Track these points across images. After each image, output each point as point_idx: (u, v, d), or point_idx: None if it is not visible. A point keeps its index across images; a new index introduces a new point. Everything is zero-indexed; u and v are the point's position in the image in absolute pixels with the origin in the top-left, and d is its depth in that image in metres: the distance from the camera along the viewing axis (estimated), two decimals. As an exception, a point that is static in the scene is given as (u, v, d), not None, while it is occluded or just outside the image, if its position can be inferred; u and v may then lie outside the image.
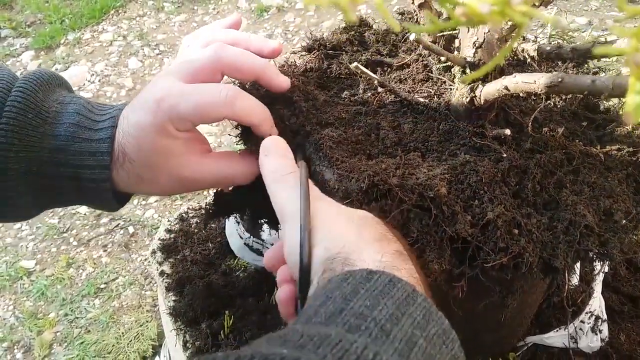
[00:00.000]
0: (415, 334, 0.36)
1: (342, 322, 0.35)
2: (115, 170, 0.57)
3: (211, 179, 0.59)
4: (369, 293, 0.37)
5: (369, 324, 0.35)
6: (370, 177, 0.50)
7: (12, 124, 0.53)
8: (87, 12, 3.27)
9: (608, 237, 0.55)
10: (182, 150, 0.57)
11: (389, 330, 0.35)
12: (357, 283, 0.38)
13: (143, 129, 0.55)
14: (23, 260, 2.01)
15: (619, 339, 0.81)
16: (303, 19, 3.06)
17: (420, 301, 0.39)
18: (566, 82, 0.49)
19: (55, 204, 0.61)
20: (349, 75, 0.71)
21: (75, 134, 0.56)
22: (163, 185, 0.58)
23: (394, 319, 0.36)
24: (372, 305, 0.36)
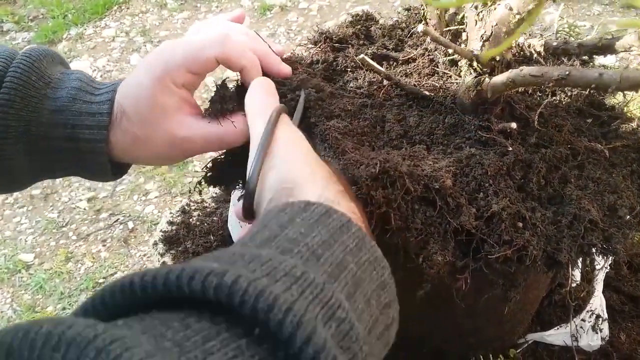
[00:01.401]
0: (347, 259, 0.37)
1: (275, 246, 0.36)
2: (112, 132, 0.58)
3: (203, 139, 0.60)
4: (304, 222, 0.38)
5: (301, 248, 0.36)
6: (382, 164, 0.50)
7: (16, 82, 0.55)
8: (90, 8, 3.26)
9: (612, 232, 0.55)
10: (177, 110, 0.58)
11: (320, 255, 0.36)
12: (294, 213, 0.39)
13: (142, 86, 0.57)
14: (22, 253, 2.01)
15: (619, 338, 0.81)
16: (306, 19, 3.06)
17: (354, 231, 0.39)
18: (573, 75, 0.49)
19: (48, 171, 0.62)
20: (354, 68, 0.71)
21: (76, 96, 0.58)
22: (156, 147, 0.60)
23: (326, 245, 0.37)
24: (306, 232, 0.37)
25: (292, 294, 0.30)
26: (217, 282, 0.29)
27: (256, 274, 0.31)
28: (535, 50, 0.63)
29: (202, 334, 0.28)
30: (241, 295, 0.28)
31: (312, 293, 0.31)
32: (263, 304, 0.28)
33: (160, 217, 2.05)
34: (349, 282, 0.36)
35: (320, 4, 3.15)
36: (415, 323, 0.73)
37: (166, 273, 0.29)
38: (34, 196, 2.22)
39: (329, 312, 0.32)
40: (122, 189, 2.22)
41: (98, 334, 0.25)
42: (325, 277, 0.34)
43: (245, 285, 0.29)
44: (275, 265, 0.32)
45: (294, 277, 0.32)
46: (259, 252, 0.33)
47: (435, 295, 0.55)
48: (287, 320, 0.28)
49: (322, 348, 0.28)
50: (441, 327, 0.71)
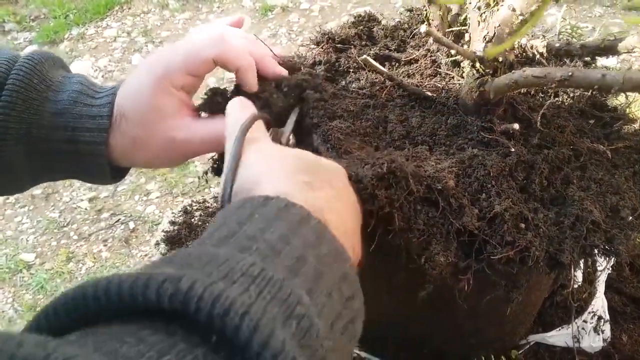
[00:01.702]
0: (306, 252, 0.36)
1: (233, 244, 0.35)
2: (112, 134, 0.59)
3: (201, 141, 0.60)
4: (262, 217, 0.37)
5: (259, 244, 0.35)
6: (388, 164, 0.50)
7: (18, 85, 0.55)
8: (91, 8, 3.27)
9: (614, 233, 0.55)
10: (176, 112, 0.59)
11: (280, 250, 0.35)
12: (253, 208, 0.39)
13: (141, 88, 0.58)
14: (23, 253, 2.01)
15: (621, 339, 0.81)
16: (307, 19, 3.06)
17: (313, 224, 0.39)
18: (576, 76, 0.50)
19: (49, 173, 0.62)
20: (357, 69, 0.71)
21: (77, 100, 0.58)
22: (155, 149, 0.60)
23: (285, 239, 0.36)
24: (264, 227, 0.36)
25: (250, 295, 0.30)
26: (173, 289, 0.28)
27: (212, 277, 0.30)
28: (537, 52, 0.63)
29: (156, 348, 0.27)
30: (196, 302, 0.27)
31: (270, 292, 0.31)
32: (219, 309, 0.27)
33: (162, 217, 2.05)
34: (309, 276, 0.35)
35: (322, 5, 3.16)
36: (416, 324, 0.74)
37: (119, 282, 0.28)
38: (35, 196, 2.23)
39: (287, 310, 0.31)
40: (124, 189, 2.22)
41: (49, 353, 0.24)
42: (285, 272, 0.34)
43: (201, 291, 0.28)
44: (233, 265, 0.31)
45: (251, 276, 0.31)
46: (216, 252, 0.33)
47: (437, 296, 0.55)
48: (243, 325, 0.27)
49: (279, 351, 0.27)
50: (442, 327, 0.71)
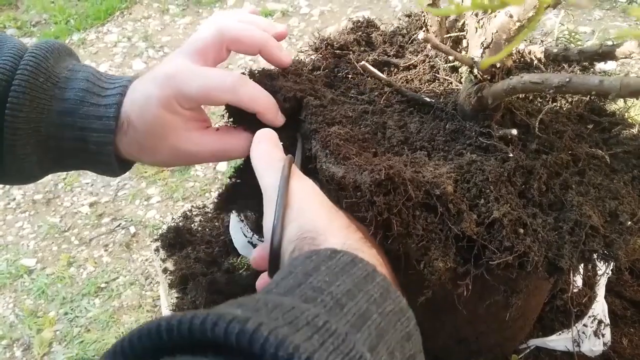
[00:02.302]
0: (370, 309, 0.37)
1: (299, 294, 0.36)
2: (118, 136, 0.59)
3: (208, 153, 0.61)
4: (329, 270, 0.38)
5: (325, 297, 0.36)
6: (386, 170, 0.51)
7: (24, 85, 0.56)
8: (92, 13, 3.28)
9: (613, 238, 0.55)
10: (183, 126, 0.60)
11: (344, 304, 0.36)
12: (320, 261, 0.39)
13: (149, 100, 0.58)
14: (24, 258, 2.01)
15: (621, 343, 0.81)
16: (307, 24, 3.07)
17: (379, 280, 0.39)
18: (574, 82, 0.50)
19: (58, 167, 0.63)
20: (356, 75, 0.71)
21: (84, 99, 0.59)
22: (162, 156, 0.61)
23: (351, 294, 0.37)
24: (330, 281, 0.37)
25: (313, 344, 0.31)
26: (240, 329, 0.29)
27: (278, 322, 0.31)
28: (535, 57, 0.63)
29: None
30: (262, 344, 0.29)
31: (333, 344, 0.31)
32: (283, 352, 0.29)
33: (162, 221, 2.05)
34: (372, 333, 0.35)
35: (322, 9, 3.17)
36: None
37: (191, 318, 0.30)
38: (36, 201, 2.23)
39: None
40: (124, 193, 2.22)
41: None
42: (348, 327, 0.34)
43: (266, 334, 0.29)
44: (297, 314, 0.32)
45: (315, 326, 0.32)
46: (281, 300, 0.34)
47: (436, 302, 0.55)
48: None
49: None
50: (442, 333, 0.71)
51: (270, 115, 0.60)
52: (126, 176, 2.28)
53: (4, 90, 0.56)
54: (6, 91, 0.56)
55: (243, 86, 0.58)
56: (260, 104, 0.60)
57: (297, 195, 0.49)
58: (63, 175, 2.31)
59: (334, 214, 0.48)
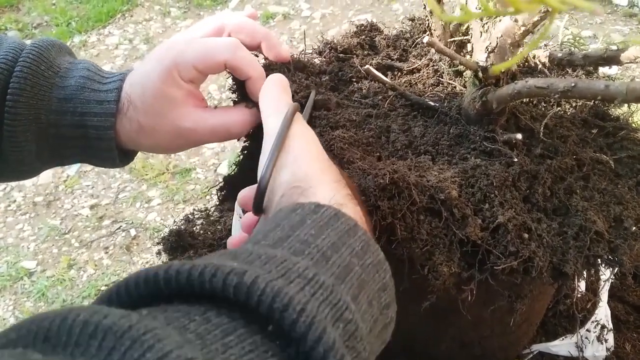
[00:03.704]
0: (353, 261, 0.39)
1: (288, 246, 0.38)
2: (119, 119, 0.60)
3: (209, 130, 0.61)
4: (314, 223, 0.40)
5: (312, 249, 0.38)
6: (390, 174, 0.50)
7: (26, 72, 0.56)
8: (93, 16, 3.28)
9: (618, 243, 0.55)
10: (183, 101, 0.60)
11: (329, 257, 0.38)
12: (305, 214, 0.41)
13: (149, 77, 0.59)
14: (24, 260, 2.01)
15: (624, 348, 0.80)
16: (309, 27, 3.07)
17: (360, 234, 0.41)
18: (579, 87, 0.49)
19: (57, 158, 0.63)
20: (359, 78, 0.71)
21: (84, 85, 0.60)
22: (161, 136, 0.61)
23: (335, 247, 0.39)
24: (316, 234, 0.39)
25: (305, 294, 0.32)
26: (237, 281, 0.31)
27: (272, 274, 0.33)
28: (540, 61, 0.63)
29: (221, 328, 0.30)
30: (259, 295, 0.30)
31: (323, 295, 0.34)
32: (279, 304, 0.30)
33: (163, 224, 2.05)
34: (354, 284, 0.38)
35: (323, 12, 3.17)
36: (418, 334, 0.73)
37: (189, 269, 0.31)
38: (36, 203, 2.23)
39: (337, 313, 0.34)
40: (125, 196, 2.22)
41: (132, 324, 0.27)
42: (334, 279, 0.36)
43: (263, 286, 0.31)
44: (289, 266, 0.34)
45: (306, 279, 0.34)
46: (274, 253, 0.36)
47: (440, 307, 0.54)
48: (300, 320, 0.30)
49: (331, 347, 0.30)
50: (445, 337, 0.71)
51: (261, 83, 0.60)
52: (127, 178, 2.28)
53: (6, 79, 0.56)
54: (8, 80, 0.56)
55: (240, 49, 0.59)
56: (256, 69, 0.60)
57: (295, 141, 0.50)
58: (64, 177, 2.31)
59: (327, 167, 0.49)
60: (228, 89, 0.69)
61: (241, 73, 0.60)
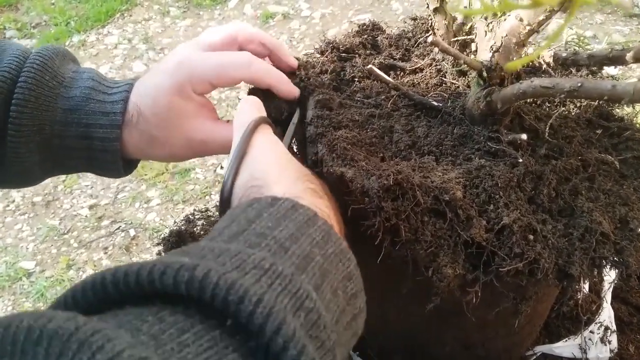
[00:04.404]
0: (313, 251, 0.38)
1: (243, 240, 0.37)
2: (127, 131, 0.60)
3: (219, 143, 0.61)
4: (271, 216, 0.39)
5: (269, 241, 0.37)
6: (394, 175, 0.50)
7: (31, 82, 0.56)
8: (92, 15, 3.27)
9: (624, 245, 0.54)
10: (196, 114, 0.60)
11: (288, 247, 0.37)
12: (261, 208, 0.40)
13: (161, 89, 0.58)
14: (23, 261, 2.00)
15: (628, 350, 0.80)
16: (308, 27, 3.07)
17: (320, 224, 0.40)
18: (586, 87, 0.49)
19: (60, 168, 0.63)
20: (362, 78, 0.71)
21: (89, 96, 0.59)
22: (173, 148, 0.61)
23: (294, 238, 0.38)
24: (273, 226, 0.38)
25: (262, 285, 0.31)
26: (189, 276, 0.29)
27: (226, 267, 0.32)
28: (544, 61, 0.63)
29: (176, 327, 0.29)
30: (212, 289, 0.29)
31: (281, 284, 0.32)
32: (234, 296, 0.29)
33: (162, 224, 2.04)
34: (316, 273, 0.37)
35: (323, 12, 3.16)
36: (422, 335, 0.73)
37: (138, 269, 0.30)
38: (35, 203, 2.22)
39: (297, 303, 0.32)
40: (124, 196, 2.21)
41: (79, 326, 0.25)
42: (293, 269, 0.35)
43: (215, 279, 0.29)
44: (244, 258, 0.33)
45: (262, 269, 0.33)
46: (227, 247, 0.34)
47: (443, 308, 0.54)
48: (257, 311, 0.29)
49: (291, 337, 0.29)
50: (448, 339, 0.71)
51: (284, 86, 0.62)
52: (126, 179, 2.27)
53: (9, 88, 0.56)
54: (12, 89, 0.56)
55: (255, 62, 0.59)
56: (274, 76, 0.61)
57: (256, 148, 0.50)
58: (62, 177, 2.30)
59: (286, 166, 0.49)
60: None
61: (261, 83, 0.61)
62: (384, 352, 0.79)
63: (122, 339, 0.26)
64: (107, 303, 0.30)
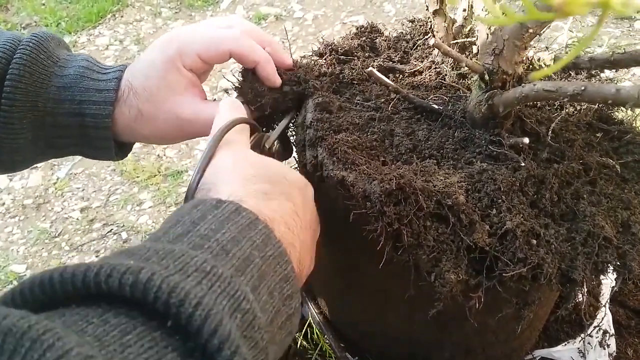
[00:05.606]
0: (253, 254, 0.39)
1: (187, 242, 0.38)
2: (117, 108, 0.61)
3: (204, 122, 0.61)
4: (215, 219, 0.41)
5: (211, 243, 0.38)
6: (397, 179, 0.49)
7: (25, 59, 0.57)
8: (83, 16, 3.24)
9: (626, 249, 0.54)
10: (184, 90, 0.61)
11: (229, 250, 0.38)
12: (206, 210, 0.42)
13: (152, 64, 0.60)
14: (13, 264, 1.98)
15: (626, 353, 0.80)
16: (301, 28, 3.06)
17: (261, 227, 0.42)
18: (589, 91, 0.49)
19: (52, 148, 0.63)
20: (361, 81, 0.70)
21: (83, 74, 0.60)
22: (159, 124, 0.62)
23: (235, 240, 0.39)
24: (216, 228, 0.40)
25: (202, 288, 0.33)
26: (133, 280, 0.31)
27: (169, 270, 0.33)
28: (545, 65, 0.62)
29: (119, 329, 0.30)
30: (155, 292, 0.31)
31: (220, 287, 0.34)
32: (175, 299, 0.31)
33: (155, 227, 2.03)
34: (255, 275, 0.38)
35: (315, 14, 3.15)
36: (421, 340, 0.72)
37: (85, 270, 0.31)
38: (25, 206, 2.19)
39: (234, 304, 0.34)
40: (116, 198, 2.19)
41: (32, 324, 0.27)
42: (233, 270, 0.37)
43: (159, 282, 0.31)
44: (187, 260, 0.35)
45: (204, 272, 0.34)
46: (172, 248, 0.36)
47: (444, 313, 0.53)
48: (196, 314, 0.31)
49: (226, 339, 0.31)
50: (448, 344, 0.70)
51: (269, 67, 0.62)
52: (118, 181, 2.25)
53: (4, 67, 0.56)
54: (5, 68, 0.56)
55: (243, 38, 0.60)
56: (261, 55, 0.61)
57: (220, 150, 0.51)
58: (53, 179, 2.28)
59: (241, 164, 0.50)
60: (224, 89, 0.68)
61: (247, 60, 0.61)
62: (383, 356, 0.79)
63: (71, 337, 0.27)
64: (53, 301, 0.32)
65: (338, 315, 0.85)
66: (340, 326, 0.84)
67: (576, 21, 2.49)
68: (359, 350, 0.81)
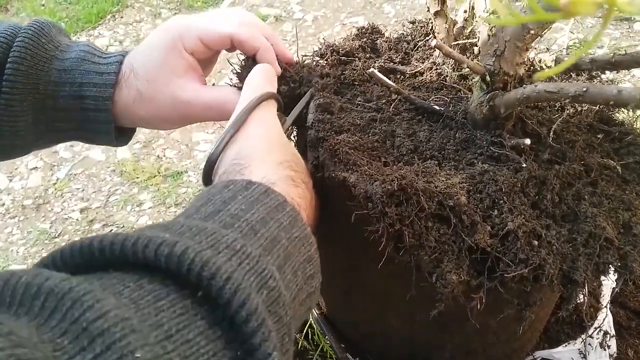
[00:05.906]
0: (280, 234, 0.42)
1: (218, 220, 0.40)
2: (117, 90, 0.61)
3: (204, 105, 0.62)
4: (245, 199, 0.43)
5: (241, 223, 0.40)
6: (398, 180, 0.49)
7: (27, 42, 0.58)
8: (83, 17, 3.24)
9: (627, 250, 0.54)
10: (184, 73, 0.62)
11: (258, 230, 0.41)
12: (236, 190, 0.44)
13: (154, 45, 0.61)
14: (13, 265, 1.97)
15: (627, 354, 0.80)
16: (300, 29, 3.06)
17: (288, 209, 0.44)
18: (591, 92, 0.49)
19: (53, 131, 0.64)
20: (362, 82, 0.70)
21: (84, 58, 0.61)
22: (158, 105, 0.62)
23: (263, 221, 0.42)
24: (246, 209, 0.42)
25: (232, 264, 0.35)
26: (168, 251, 0.33)
27: (202, 245, 0.35)
28: (546, 66, 0.63)
29: (153, 294, 0.32)
30: (188, 264, 0.33)
31: (249, 265, 0.36)
32: (207, 272, 0.33)
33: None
34: (281, 255, 0.41)
35: (315, 15, 3.16)
36: (421, 341, 0.72)
37: (123, 240, 0.33)
38: (25, 206, 2.19)
39: (261, 282, 0.36)
40: (116, 199, 2.19)
41: (73, 286, 0.28)
42: (261, 250, 0.39)
43: (192, 256, 0.33)
44: (219, 238, 0.37)
45: (234, 250, 0.36)
46: (204, 225, 0.38)
47: (445, 314, 0.53)
48: (226, 287, 0.33)
49: (253, 312, 0.33)
50: (449, 345, 0.70)
51: (269, 54, 0.63)
52: (117, 181, 2.25)
53: (4, 51, 0.57)
54: (6, 53, 0.57)
55: (244, 24, 0.62)
56: (260, 42, 0.62)
57: (253, 124, 0.52)
58: (53, 180, 2.28)
59: (275, 148, 0.51)
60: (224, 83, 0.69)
61: (247, 46, 0.62)
62: (384, 357, 0.79)
63: (109, 300, 0.29)
64: (91, 266, 0.33)
65: (339, 316, 0.85)
66: (341, 327, 0.84)
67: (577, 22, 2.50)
68: (359, 351, 0.81)
